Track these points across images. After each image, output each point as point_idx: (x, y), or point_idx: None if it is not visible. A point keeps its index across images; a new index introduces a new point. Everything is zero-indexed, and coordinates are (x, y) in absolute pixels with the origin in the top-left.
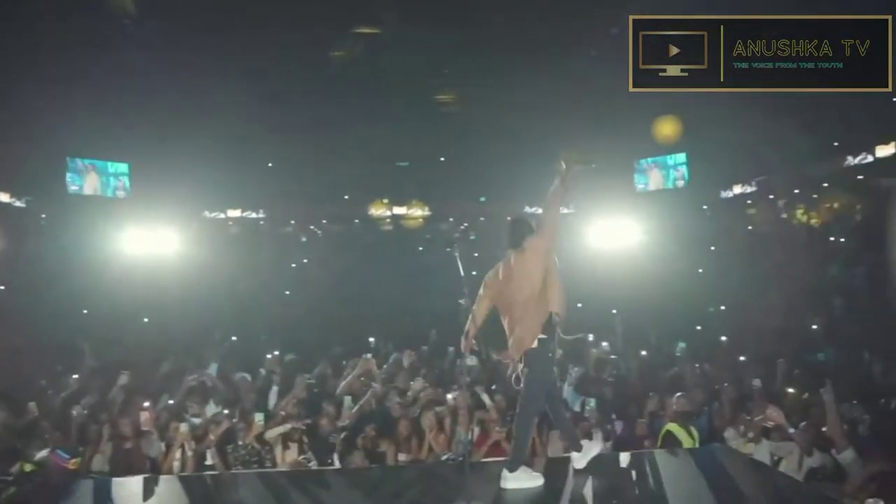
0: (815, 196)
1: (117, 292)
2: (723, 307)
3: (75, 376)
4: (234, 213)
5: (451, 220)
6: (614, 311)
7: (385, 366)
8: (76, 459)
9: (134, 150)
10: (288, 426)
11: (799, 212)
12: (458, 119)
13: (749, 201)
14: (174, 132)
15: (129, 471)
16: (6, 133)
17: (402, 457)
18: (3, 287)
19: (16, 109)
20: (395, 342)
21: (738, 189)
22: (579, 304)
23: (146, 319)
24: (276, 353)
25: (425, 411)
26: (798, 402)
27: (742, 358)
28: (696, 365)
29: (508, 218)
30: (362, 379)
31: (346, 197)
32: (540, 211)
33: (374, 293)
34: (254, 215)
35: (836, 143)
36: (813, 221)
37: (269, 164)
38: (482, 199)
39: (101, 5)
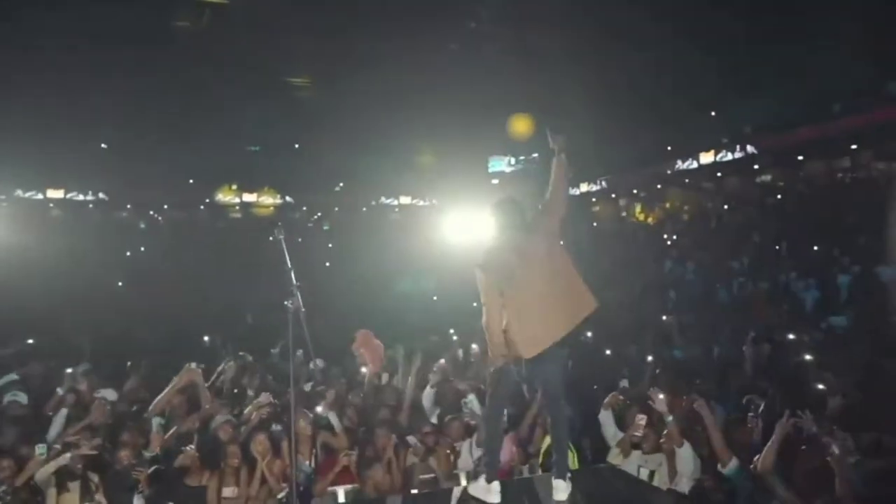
0: (650, 196)
1: None
2: None
3: None
4: (56, 193)
5: (304, 208)
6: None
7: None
8: None
9: None
10: (66, 457)
11: (637, 210)
12: (315, 105)
13: (594, 199)
14: None
15: None
16: None
17: (227, 492)
18: None
19: None
20: (235, 345)
21: (584, 187)
22: (434, 298)
23: None
24: (86, 365)
25: (256, 434)
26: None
27: (608, 352)
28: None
29: (499, 198)
30: (181, 394)
31: (191, 181)
32: (396, 202)
33: (219, 287)
34: (81, 197)
35: (669, 148)
36: (649, 220)
37: (103, 146)
38: (338, 187)
39: None
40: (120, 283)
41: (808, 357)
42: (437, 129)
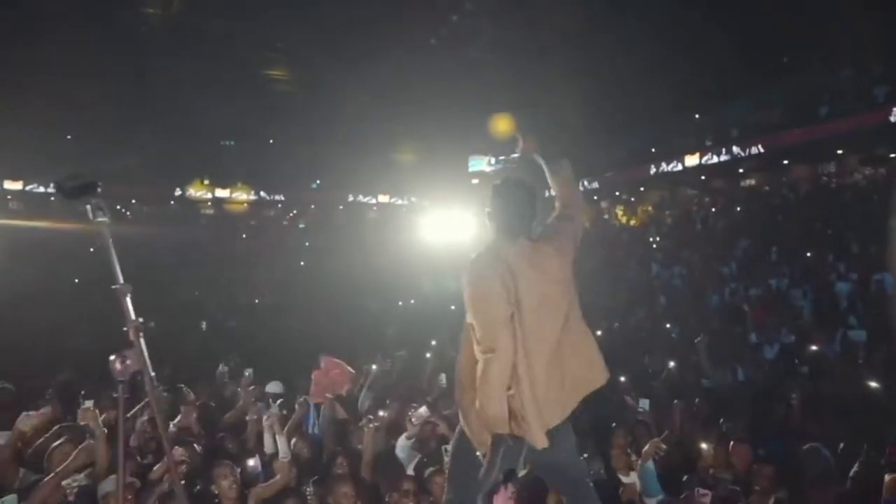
0: (633, 198)
1: None
2: None
3: None
4: (14, 185)
5: (279, 206)
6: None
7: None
8: None
9: None
10: None
11: (619, 212)
12: (291, 99)
13: None
14: None
15: None
16: None
17: None
18: None
19: None
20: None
21: None
22: (412, 301)
23: None
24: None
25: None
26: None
27: (622, 378)
28: None
29: (506, 178)
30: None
31: (162, 174)
32: (374, 201)
33: (179, 287)
34: (42, 189)
35: (653, 150)
36: (632, 222)
37: (68, 137)
38: (314, 185)
39: None
40: (76, 280)
41: (872, 384)
42: (417, 127)
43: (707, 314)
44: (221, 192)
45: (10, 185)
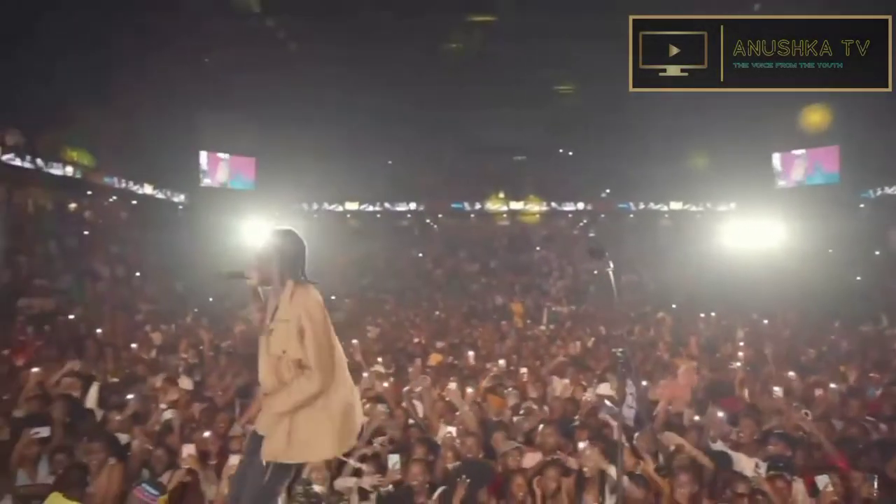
0: None
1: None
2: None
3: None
4: (352, 205)
5: (569, 216)
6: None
7: None
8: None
9: (260, 145)
10: None
11: None
12: (579, 110)
13: None
14: (298, 128)
15: None
16: (147, 129)
17: None
18: (139, 273)
19: (156, 107)
20: None
21: None
22: (713, 314)
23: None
24: None
25: None
26: None
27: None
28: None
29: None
30: None
31: (462, 191)
32: (666, 208)
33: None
34: (371, 208)
35: None
36: None
37: (389, 162)
38: (604, 193)
39: (227, 4)
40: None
41: None
42: (714, 126)
43: None
44: (516, 205)
45: (349, 205)
